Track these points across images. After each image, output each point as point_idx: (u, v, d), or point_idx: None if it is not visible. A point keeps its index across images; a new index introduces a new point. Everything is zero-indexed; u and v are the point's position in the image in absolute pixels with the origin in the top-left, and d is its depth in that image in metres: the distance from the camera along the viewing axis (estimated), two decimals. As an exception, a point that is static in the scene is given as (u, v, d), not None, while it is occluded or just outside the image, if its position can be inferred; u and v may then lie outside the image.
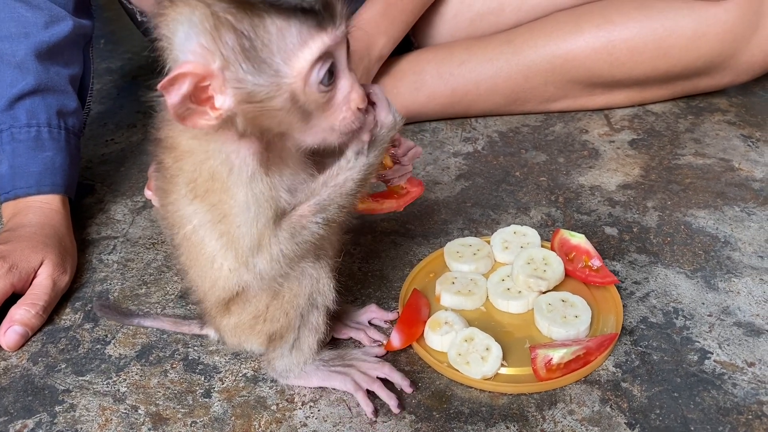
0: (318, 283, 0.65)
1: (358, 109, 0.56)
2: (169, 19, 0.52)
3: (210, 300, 0.66)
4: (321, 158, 0.63)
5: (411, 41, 1.20)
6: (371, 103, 0.60)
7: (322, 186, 0.60)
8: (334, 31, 0.53)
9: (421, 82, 1.11)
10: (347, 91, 0.56)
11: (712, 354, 0.71)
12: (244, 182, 0.57)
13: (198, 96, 0.52)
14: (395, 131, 0.62)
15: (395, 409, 0.67)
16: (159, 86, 0.50)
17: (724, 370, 0.69)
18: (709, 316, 0.76)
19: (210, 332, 0.75)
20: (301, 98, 0.53)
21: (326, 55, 0.53)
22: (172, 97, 0.50)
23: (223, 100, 0.52)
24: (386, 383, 0.69)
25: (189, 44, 0.51)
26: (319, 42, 0.52)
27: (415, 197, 0.75)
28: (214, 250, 0.61)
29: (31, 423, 0.69)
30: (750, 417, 0.65)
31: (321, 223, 0.60)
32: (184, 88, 0.50)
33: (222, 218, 0.58)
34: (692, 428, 0.64)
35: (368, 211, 0.74)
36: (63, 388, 0.73)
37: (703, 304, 0.77)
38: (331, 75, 0.54)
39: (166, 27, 0.52)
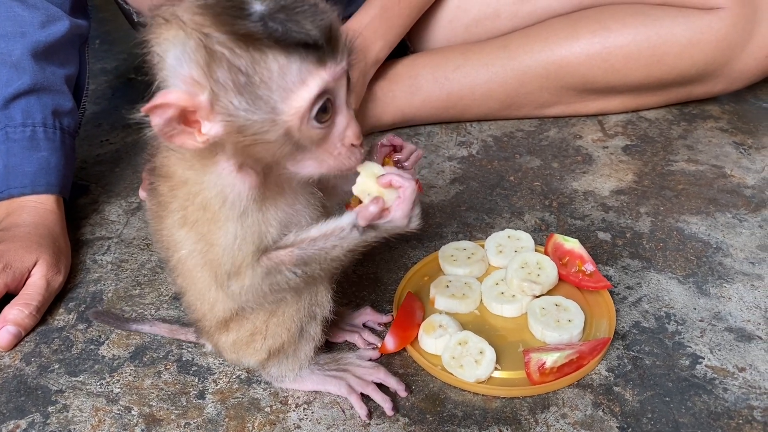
0: (317, 296, 0.65)
1: (353, 145, 0.55)
2: (162, 39, 0.50)
3: (209, 320, 0.66)
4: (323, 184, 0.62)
5: (407, 45, 1.20)
6: (395, 186, 0.58)
7: (309, 241, 0.58)
8: (335, 68, 0.51)
9: (417, 86, 1.12)
10: (343, 127, 0.54)
11: (704, 359, 0.72)
12: (234, 217, 0.56)
13: (186, 118, 0.50)
14: (401, 231, 0.60)
15: (389, 412, 0.67)
16: (143, 109, 0.49)
17: (716, 375, 0.70)
18: (700, 321, 0.76)
19: (207, 344, 0.74)
20: (296, 135, 0.52)
21: (325, 92, 0.51)
22: (156, 119, 0.49)
23: (210, 127, 0.50)
24: (380, 385, 0.69)
25: (180, 70, 0.49)
26: (318, 80, 0.50)
27: None
28: (204, 277, 0.61)
29: (23, 423, 0.69)
30: (740, 422, 0.65)
31: (298, 275, 0.58)
32: (168, 113, 0.49)
33: (209, 248, 0.58)
34: (683, 432, 0.64)
35: None
36: (56, 388, 0.73)
37: (695, 309, 0.78)
38: (328, 110, 0.52)
39: (158, 45, 0.50)
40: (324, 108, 0.52)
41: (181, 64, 0.49)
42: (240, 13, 0.49)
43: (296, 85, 0.50)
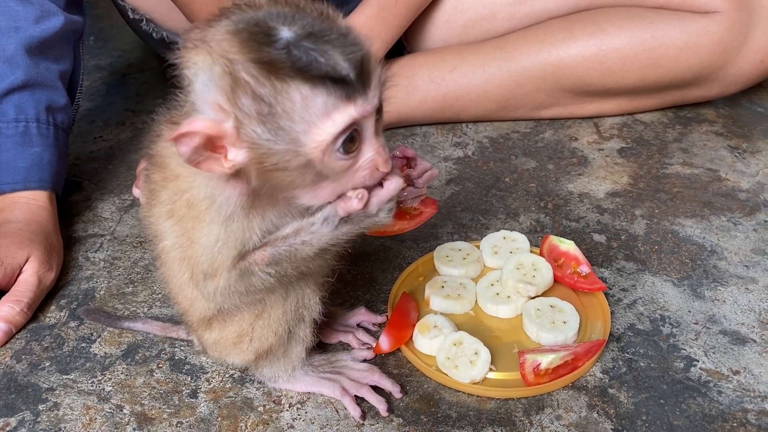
0: (303, 298, 0.65)
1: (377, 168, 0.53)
2: (191, 63, 0.49)
3: (191, 315, 0.66)
4: None
5: (403, 45, 1.20)
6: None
7: (282, 239, 0.57)
8: (365, 105, 0.49)
9: (413, 86, 1.12)
10: (370, 155, 0.52)
11: (698, 362, 0.72)
12: (219, 220, 0.55)
13: (213, 144, 0.49)
14: (374, 226, 0.58)
15: (384, 413, 0.66)
16: (170, 138, 0.48)
17: (710, 378, 0.70)
18: (695, 324, 0.76)
19: (194, 339, 0.74)
20: (318, 166, 0.51)
21: (352, 125, 0.49)
22: (183, 148, 0.48)
23: (236, 154, 0.49)
24: (375, 386, 0.68)
25: (207, 95, 0.48)
26: (345, 116, 0.49)
27: (428, 217, 0.71)
28: (183, 272, 0.60)
29: (13, 421, 0.68)
30: (735, 425, 0.65)
31: (272, 275, 0.57)
32: (195, 141, 0.48)
33: (190, 244, 0.58)
34: (678, 435, 0.64)
35: (379, 233, 0.69)
36: (47, 386, 0.72)
37: (690, 312, 0.78)
38: (355, 140, 0.51)
39: (188, 69, 0.49)
40: (351, 138, 0.50)
41: (208, 90, 0.48)
42: (266, 39, 0.47)
43: (320, 119, 0.48)
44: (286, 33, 0.48)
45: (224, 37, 0.48)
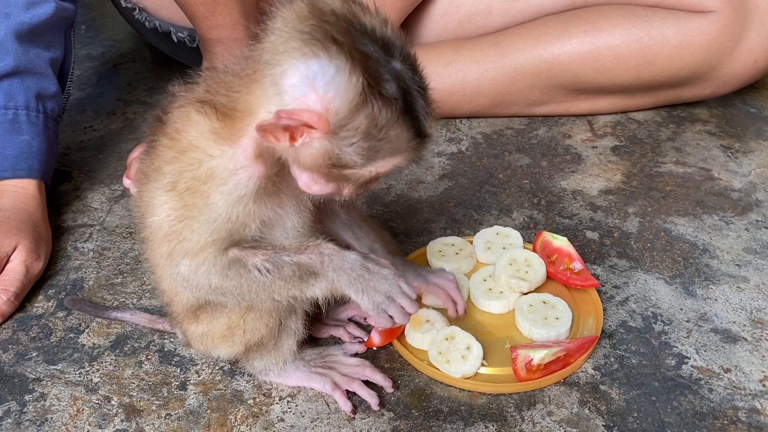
0: None
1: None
2: (321, 56, 0.50)
3: (177, 304, 0.65)
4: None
5: (398, 40, 1.19)
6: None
7: (289, 247, 0.59)
8: (423, 157, 0.56)
9: (407, 80, 1.11)
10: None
11: (690, 359, 0.72)
12: (231, 200, 0.56)
13: (300, 127, 0.51)
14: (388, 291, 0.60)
15: (375, 407, 0.66)
16: (281, 112, 0.50)
17: (701, 376, 0.70)
18: (687, 322, 0.76)
19: (178, 332, 0.73)
20: (362, 181, 0.55)
21: None
22: (281, 121, 0.50)
23: (310, 142, 0.51)
24: (367, 380, 0.68)
25: (325, 92, 0.50)
26: (406, 159, 0.55)
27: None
28: (161, 249, 0.59)
29: (-1, 411, 0.67)
30: (725, 422, 0.65)
31: (262, 273, 0.58)
32: (295, 122, 0.50)
33: (184, 219, 0.57)
34: (669, 432, 0.64)
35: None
36: (33, 376, 0.71)
37: (682, 310, 0.78)
38: None
39: (314, 56, 0.50)
40: None
41: (329, 87, 0.50)
42: (382, 70, 0.51)
43: (397, 153, 0.54)
44: (396, 65, 0.52)
45: (363, 49, 0.50)
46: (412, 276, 0.72)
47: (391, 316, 0.60)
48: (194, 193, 0.56)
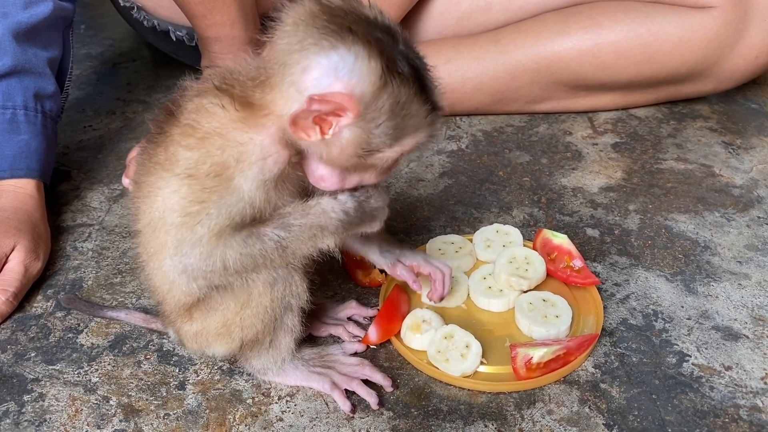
0: (291, 286, 0.64)
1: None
2: (340, 43, 0.52)
3: (170, 303, 0.64)
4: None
5: (398, 37, 1.19)
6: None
7: (291, 207, 0.60)
8: (438, 130, 0.61)
9: (407, 78, 1.11)
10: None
11: (691, 357, 0.71)
12: (255, 184, 0.58)
13: (320, 117, 0.54)
14: (381, 214, 0.63)
15: (375, 406, 0.66)
16: (313, 95, 0.52)
17: (702, 374, 0.70)
18: (688, 319, 0.76)
19: (170, 332, 0.72)
20: (385, 159, 0.58)
21: None
22: (314, 106, 0.52)
23: (339, 131, 0.54)
24: (365, 379, 0.68)
25: (348, 78, 0.53)
26: (426, 134, 0.58)
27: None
28: (168, 231, 0.59)
29: (-3, 412, 0.67)
30: (727, 420, 0.65)
31: (275, 240, 0.59)
32: (327, 107, 0.53)
33: (203, 202, 0.58)
34: (670, 430, 0.64)
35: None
36: (32, 376, 0.71)
37: (683, 307, 0.77)
38: None
39: (333, 47, 0.52)
40: None
41: (352, 74, 0.53)
42: (394, 52, 0.54)
43: (417, 130, 0.57)
44: (402, 47, 0.55)
45: (377, 36, 0.54)
46: (411, 255, 0.74)
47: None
48: (216, 176, 0.57)
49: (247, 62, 0.60)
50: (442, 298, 0.73)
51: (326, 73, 0.53)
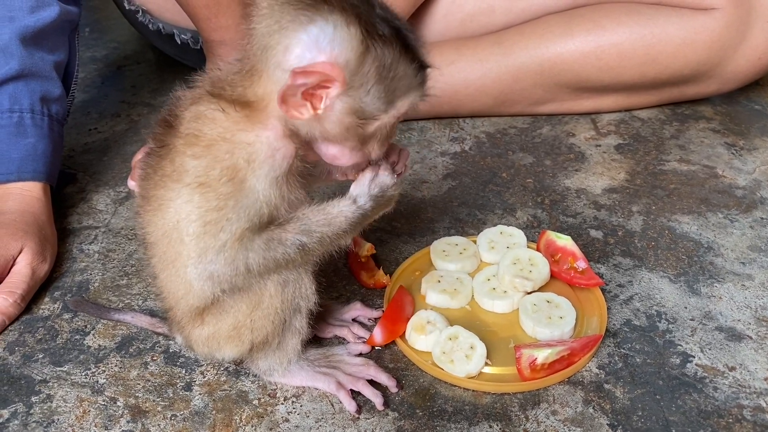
0: (301, 288, 0.65)
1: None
2: (318, 15, 0.52)
3: (182, 308, 0.64)
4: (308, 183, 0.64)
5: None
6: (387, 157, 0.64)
7: (311, 213, 0.61)
8: (426, 89, 0.59)
9: (410, 80, 1.11)
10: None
11: (694, 358, 0.72)
12: (268, 182, 0.58)
13: (308, 92, 0.54)
14: (392, 195, 0.64)
15: (380, 407, 0.66)
16: (295, 70, 0.52)
17: (706, 374, 0.70)
18: (691, 320, 0.76)
19: (177, 337, 0.71)
20: (384, 126, 0.58)
21: None
22: (299, 80, 0.52)
23: (330, 105, 0.54)
24: (371, 380, 0.68)
25: (329, 48, 0.53)
26: (418, 94, 0.58)
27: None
28: (187, 252, 0.59)
29: (6, 413, 0.68)
30: (730, 420, 0.65)
31: (298, 246, 0.60)
32: (310, 80, 0.52)
33: (221, 209, 0.58)
34: (673, 430, 0.64)
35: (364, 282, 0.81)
36: (40, 378, 0.71)
37: (686, 308, 0.78)
38: None
39: (309, 21, 0.53)
40: None
41: (333, 44, 0.53)
42: (372, 16, 0.54)
43: (409, 90, 0.57)
44: (379, 11, 0.55)
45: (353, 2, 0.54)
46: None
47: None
48: (229, 181, 0.57)
49: (231, 60, 0.60)
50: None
51: (308, 47, 0.53)
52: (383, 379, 0.68)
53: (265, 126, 0.58)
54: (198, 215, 0.58)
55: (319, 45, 0.52)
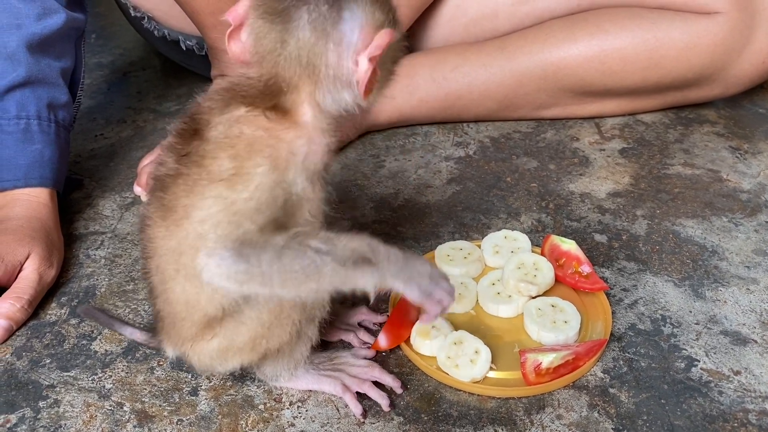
0: (318, 298, 0.64)
1: None
2: (340, 7, 0.55)
3: (194, 318, 0.62)
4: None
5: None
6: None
7: (340, 240, 0.58)
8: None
9: (415, 85, 1.12)
10: None
11: (699, 362, 0.72)
12: (308, 176, 0.58)
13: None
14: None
15: (386, 408, 0.66)
16: (382, 42, 0.55)
17: (711, 378, 0.70)
18: (696, 324, 0.76)
19: (169, 351, 0.67)
20: (400, 50, 0.61)
21: None
22: (376, 50, 0.55)
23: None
24: (376, 383, 0.68)
25: (372, 20, 0.56)
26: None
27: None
28: (216, 238, 0.57)
29: (14, 418, 0.68)
30: (736, 425, 0.65)
31: (318, 253, 0.56)
32: (381, 50, 0.55)
33: (250, 198, 0.56)
34: (679, 435, 0.64)
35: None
36: (47, 383, 0.72)
37: (691, 312, 0.78)
38: None
39: (334, 20, 0.55)
40: None
41: (368, 16, 0.56)
42: None
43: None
44: None
45: None
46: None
47: (439, 300, 0.61)
48: (272, 171, 0.56)
49: (252, 75, 0.59)
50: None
51: (353, 32, 0.55)
52: (388, 380, 0.69)
53: (305, 124, 0.58)
54: (226, 205, 0.56)
55: (361, 25, 0.55)
